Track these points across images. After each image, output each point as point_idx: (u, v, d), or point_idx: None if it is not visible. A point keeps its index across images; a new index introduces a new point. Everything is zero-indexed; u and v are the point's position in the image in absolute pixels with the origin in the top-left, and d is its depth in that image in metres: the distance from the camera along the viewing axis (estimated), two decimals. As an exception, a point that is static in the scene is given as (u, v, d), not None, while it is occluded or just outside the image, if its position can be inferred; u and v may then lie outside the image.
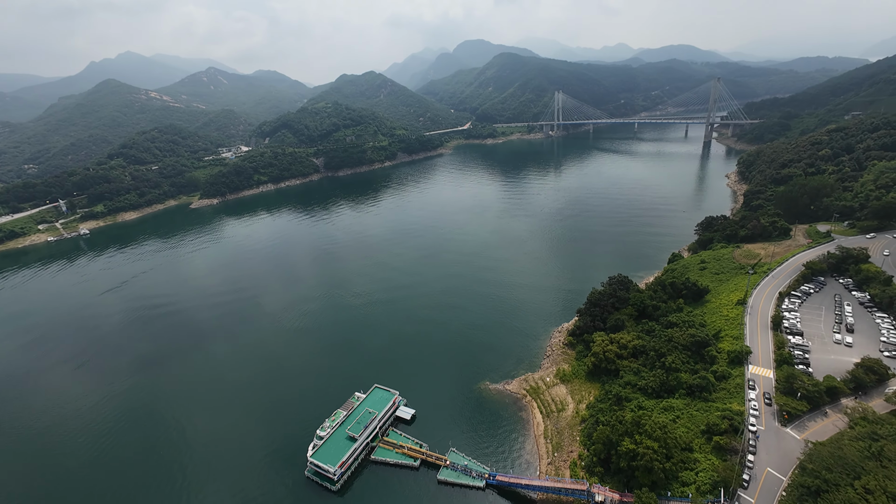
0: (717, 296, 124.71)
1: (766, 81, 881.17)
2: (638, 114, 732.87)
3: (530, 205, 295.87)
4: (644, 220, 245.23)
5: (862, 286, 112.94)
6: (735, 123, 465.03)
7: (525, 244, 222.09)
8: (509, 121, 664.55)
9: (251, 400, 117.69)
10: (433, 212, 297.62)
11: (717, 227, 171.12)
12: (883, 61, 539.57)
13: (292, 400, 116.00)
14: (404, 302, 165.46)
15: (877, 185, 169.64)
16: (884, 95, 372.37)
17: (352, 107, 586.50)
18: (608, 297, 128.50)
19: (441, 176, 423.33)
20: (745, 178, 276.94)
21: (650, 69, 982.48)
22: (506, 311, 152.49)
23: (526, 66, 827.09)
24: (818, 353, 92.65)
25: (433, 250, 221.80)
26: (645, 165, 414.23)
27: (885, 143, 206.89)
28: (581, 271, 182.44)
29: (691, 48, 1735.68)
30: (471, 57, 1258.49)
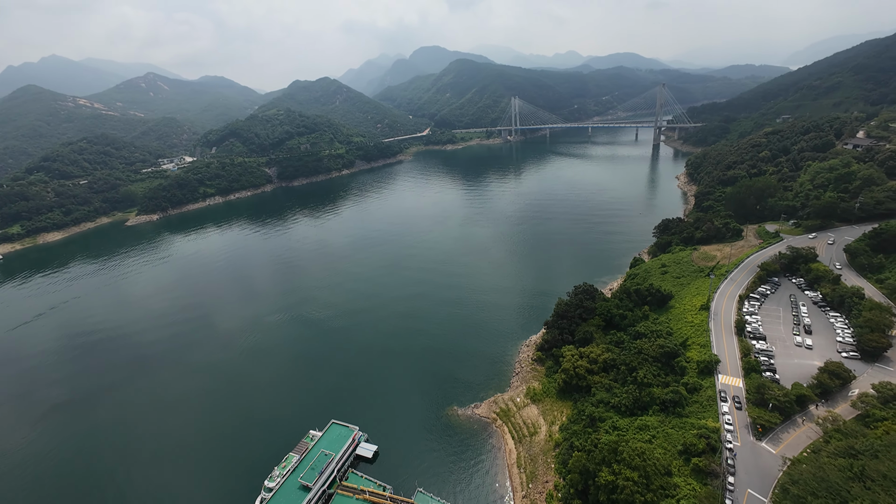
0: (680, 301, 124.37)
1: (703, 87, 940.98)
2: (591, 118, 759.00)
3: (493, 211, 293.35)
4: (604, 223, 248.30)
5: (813, 285, 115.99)
6: (680, 127, 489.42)
7: (489, 252, 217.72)
8: (468, 126, 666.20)
9: (195, 445, 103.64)
10: (395, 220, 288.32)
11: (674, 230, 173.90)
12: (803, 69, 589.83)
13: (240, 444, 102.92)
14: (365, 321, 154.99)
15: (814, 185, 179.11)
16: (807, 100, 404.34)
17: (306, 114, 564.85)
18: (575, 307, 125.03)
19: (402, 183, 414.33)
20: (694, 179, 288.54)
21: (599, 76, 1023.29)
22: (472, 326, 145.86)
23: (482, 73, 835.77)
24: (782, 358, 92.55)
25: (395, 261, 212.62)
26: (600, 168, 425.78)
27: (816, 145, 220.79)
28: (546, 279, 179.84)
29: (636, 56, 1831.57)
30: (427, 63, 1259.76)
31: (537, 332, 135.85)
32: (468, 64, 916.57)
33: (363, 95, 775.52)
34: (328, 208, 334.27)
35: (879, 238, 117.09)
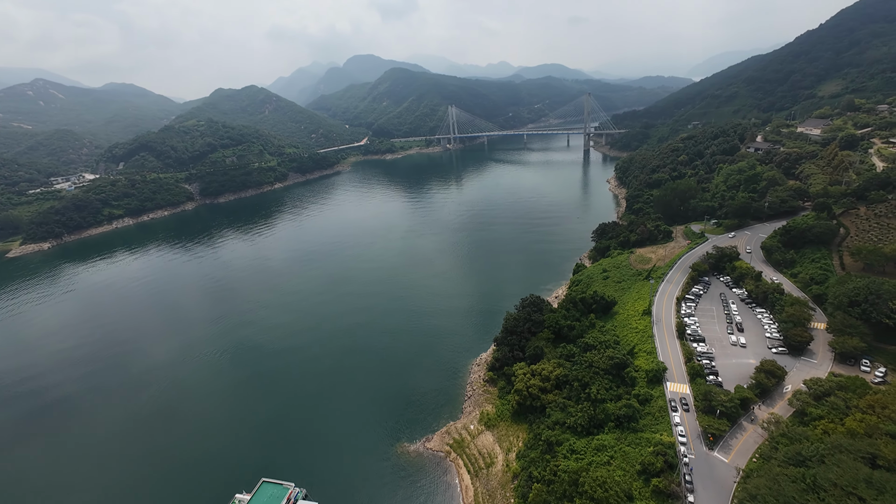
0: (623, 306, 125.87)
1: (622, 96, 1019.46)
2: (525, 125, 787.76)
3: (436, 220, 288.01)
4: (545, 228, 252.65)
5: (739, 282, 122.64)
6: (607, 133, 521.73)
7: (433, 265, 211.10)
8: (407, 135, 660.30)
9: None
10: (336, 234, 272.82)
11: (611, 234, 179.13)
12: (705, 81, 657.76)
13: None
14: (301, 354, 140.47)
15: (727, 186, 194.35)
16: (712, 108, 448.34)
17: (231, 124, 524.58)
18: (523, 321, 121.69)
19: (341, 195, 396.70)
20: (623, 182, 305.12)
21: (530, 85, 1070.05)
22: (419, 349, 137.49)
23: (418, 81, 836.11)
24: (721, 359, 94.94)
25: (336, 281, 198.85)
26: (538, 174, 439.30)
27: (725, 149, 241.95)
28: (493, 290, 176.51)
29: (562, 67, 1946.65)
30: (362, 71, 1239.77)
31: (487, 349, 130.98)
32: (404, 73, 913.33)
33: (295, 104, 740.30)
34: (261, 225, 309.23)
35: (789, 235, 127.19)
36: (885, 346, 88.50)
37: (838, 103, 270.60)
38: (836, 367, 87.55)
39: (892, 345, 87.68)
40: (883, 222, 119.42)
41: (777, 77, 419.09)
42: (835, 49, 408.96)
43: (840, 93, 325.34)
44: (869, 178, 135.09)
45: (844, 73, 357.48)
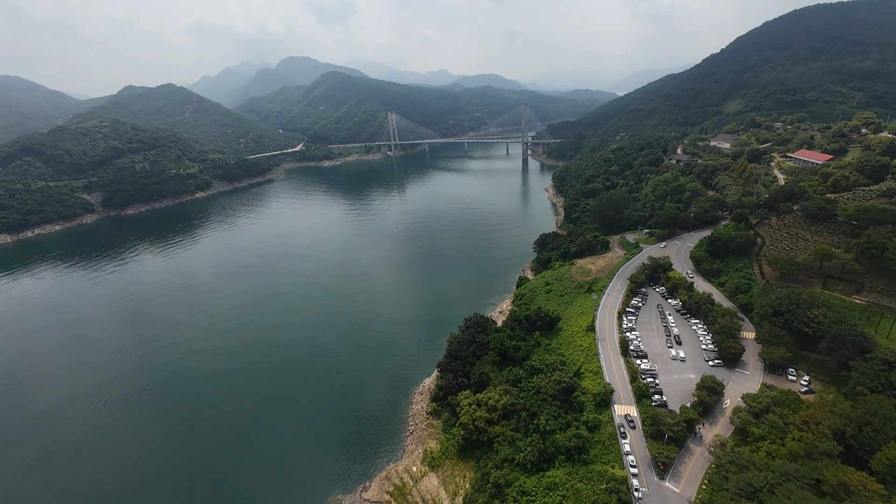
0: (567, 322, 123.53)
1: (556, 107, 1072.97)
2: (466, 133, 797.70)
3: (377, 231, 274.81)
4: (487, 238, 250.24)
5: (673, 293, 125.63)
6: (543, 142, 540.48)
7: (372, 279, 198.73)
8: (345, 141, 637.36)
9: None
10: (268, 247, 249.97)
11: (551, 246, 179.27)
12: (629, 95, 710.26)
13: None
14: (221, 393, 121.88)
15: (656, 196, 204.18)
16: (636, 121, 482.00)
17: (142, 126, 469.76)
18: (467, 344, 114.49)
19: (274, 204, 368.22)
20: (561, 191, 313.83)
21: (470, 94, 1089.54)
22: (356, 376, 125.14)
23: (357, 86, 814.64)
24: (664, 376, 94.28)
25: (264, 301, 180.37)
26: (479, 182, 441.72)
27: (651, 160, 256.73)
28: (436, 306, 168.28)
29: (500, 77, 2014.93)
30: (297, 74, 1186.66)
31: (431, 375, 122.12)
32: (342, 77, 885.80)
33: (221, 106, 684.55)
34: (182, 239, 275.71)
35: (714, 245, 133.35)
36: (806, 353, 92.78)
37: (742, 120, 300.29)
38: (766, 378, 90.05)
39: (812, 352, 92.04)
40: (792, 232, 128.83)
41: (689, 94, 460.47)
42: (735, 71, 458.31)
43: (742, 110, 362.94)
44: (777, 191, 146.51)
45: (744, 93, 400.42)
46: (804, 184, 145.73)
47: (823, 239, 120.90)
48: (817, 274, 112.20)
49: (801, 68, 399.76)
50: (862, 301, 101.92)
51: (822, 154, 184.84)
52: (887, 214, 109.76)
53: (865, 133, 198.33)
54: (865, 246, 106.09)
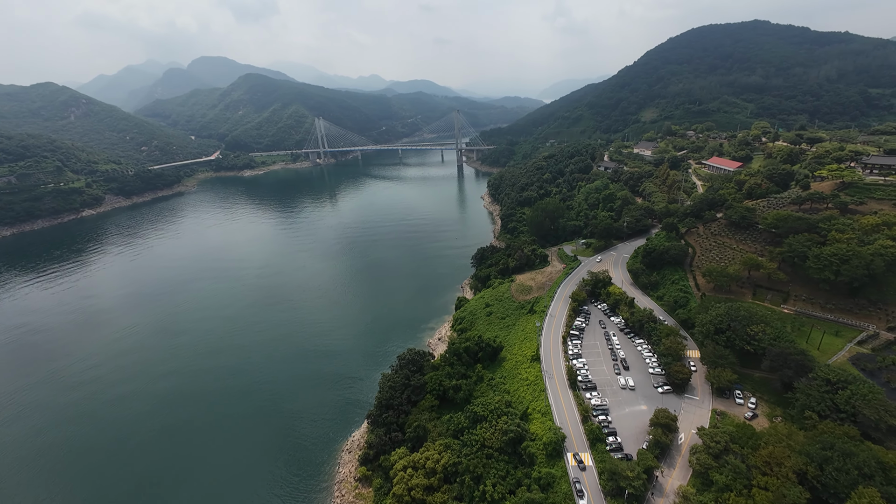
0: (511, 350, 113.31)
1: (488, 114, 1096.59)
2: (400, 140, 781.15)
3: (304, 247, 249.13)
4: (424, 252, 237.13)
5: (615, 310, 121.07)
6: (477, 149, 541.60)
7: (298, 304, 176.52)
8: (269, 148, 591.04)
9: None
10: (171, 275, 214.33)
11: (490, 261, 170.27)
12: (555, 103, 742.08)
13: None
14: (95, 464, 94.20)
15: (588, 205, 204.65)
16: (563, 128, 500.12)
17: (9, 133, 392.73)
18: (401, 388, 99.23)
19: (184, 221, 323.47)
20: (497, 199, 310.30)
21: (403, 99, 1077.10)
22: (270, 437, 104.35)
23: (281, 90, 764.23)
24: (616, 410, 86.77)
25: (171, 329, 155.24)
26: (415, 190, 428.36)
27: (581, 167, 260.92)
28: (367, 333, 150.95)
29: (432, 83, 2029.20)
30: (212, 76, 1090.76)
31: (361, 426, 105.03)
32: (264, 79, 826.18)
33: (118, 109, 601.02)
34: (54, 270, 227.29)
35: (650, 257, 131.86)
36: (749, 371, 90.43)
37: (659, 128, 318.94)
38: (715, 403, 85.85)
39: (755, 369, 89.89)
40: (719, 240, 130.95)
41: (610, 103, 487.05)
42: (647, 82, 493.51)
43: (657, 119, 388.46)
44: (700, 199, 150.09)
45: (657, 103, 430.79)
46: (723, 192, 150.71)
47: (747, 247, 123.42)
48: (747, 284, 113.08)
49: (703, 81, 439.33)
50: (790, 311, 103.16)
51: (732, 161, 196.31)
52: (802, 223, 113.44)
53: (765, 142, 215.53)
54: (787, 255, 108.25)
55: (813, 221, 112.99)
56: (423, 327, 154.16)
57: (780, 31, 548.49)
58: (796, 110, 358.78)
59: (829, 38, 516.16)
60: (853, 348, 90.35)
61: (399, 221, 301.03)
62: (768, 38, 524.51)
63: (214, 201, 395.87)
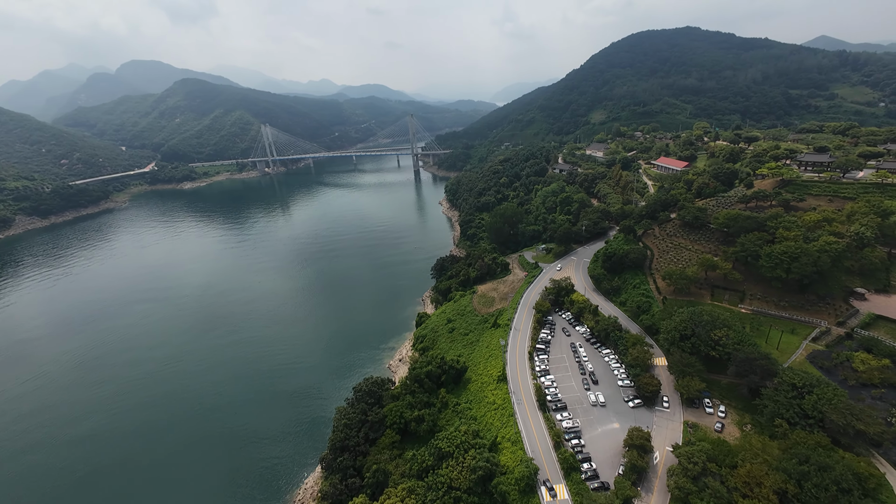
0: (476, 370, 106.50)
1: (442, 117, 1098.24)
2: (354, 145, 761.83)
3: (257, 265, 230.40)
4: (382, 263, 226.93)
5: (579, 318, 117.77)
6: (433, 154, 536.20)
7: (242, 327, 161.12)
8: (211, 158, 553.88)
9: None
10: (94, 305, 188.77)
11: (450, 272, 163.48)
12: (508, 106, 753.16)
13: None
14: None
15: (546, 208, 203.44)
16: (517, 130, 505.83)
17: None
18: (358, 426, 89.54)
19: (114, 242, 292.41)
20: (455, 204, 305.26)
21: (355, 104, 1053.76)
22: (214, 477, 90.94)
23: (223, 96, 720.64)
24: (588, 431, 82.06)
25: (91, 364, 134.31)
26: (372, 197, 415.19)
27: (537, 170, 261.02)
28: (322, 360, 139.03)
29: (385, 88, 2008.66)
30: (145, 81, 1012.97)
31: (315, 470, 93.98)
32: (203, 85, 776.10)
33: (31, 118, 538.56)
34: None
35: (610, 261, 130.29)
36: (715, 376, 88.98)
37: (609, 129, 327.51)
38: (686, 414, 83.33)
39: (721, 375, 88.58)
40: (675, 241, 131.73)
41: (560, 106, 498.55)
42: (594, 85, 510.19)
43: (606, 120, 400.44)
44: (654, 200, 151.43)
45: (604, 105, 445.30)
46: (675, 192, 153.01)
47: (702, 247, 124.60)
48: (705, 285, 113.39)
49: (645, 83, 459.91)
50: (747, 310, 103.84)
51: (679, 161, 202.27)
52: (752, 222, 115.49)
53: (707, 141, 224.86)
54: (741, 254, 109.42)
55: (761, 220, 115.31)
56: (383, 347, 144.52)
57: (710, 37, 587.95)
58: (729, 110, 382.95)
59: (752, 43, 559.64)
60: (809, 345, 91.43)
61: (356, 231, 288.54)
62: (700, 44, 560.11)
63: (151, 217, 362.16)
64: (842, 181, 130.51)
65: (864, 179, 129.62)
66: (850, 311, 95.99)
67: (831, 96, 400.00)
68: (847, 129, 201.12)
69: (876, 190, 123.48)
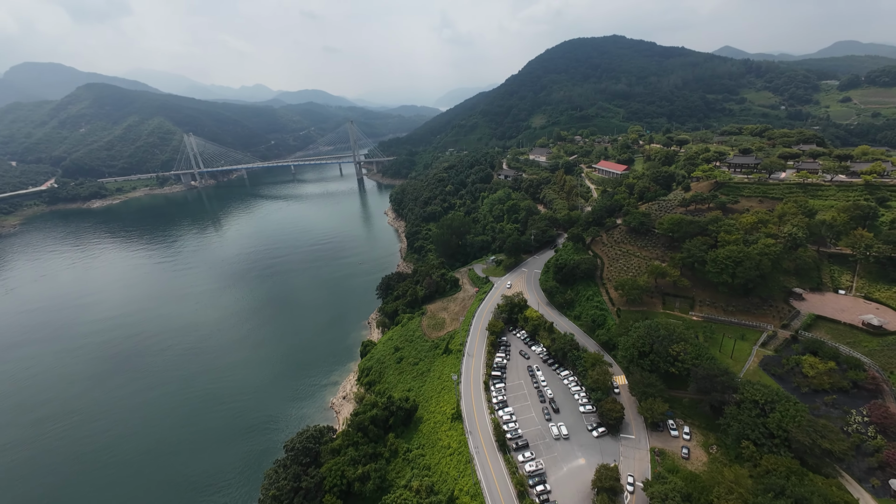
0: (427, 407, 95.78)
1: (385, 123, 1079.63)
2: (293, 154, 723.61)
3: (179, 294, 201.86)
4: (324, 281, 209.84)
5: (534, 337, 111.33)
6: (376, 161, 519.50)
7: (158, 365, 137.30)
8: (126, 172, 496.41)
9: None
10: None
11: (397, 291, 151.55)
12: (451, 111, 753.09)
13: None
14: None
15: (494, 217, 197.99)
16: (461, 136, 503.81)
17: None
18: (290, 495, 75.09)
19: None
20: (400, 214, 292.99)
21: (292, 110, 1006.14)
22: None
23: (138, 103, 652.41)
24: (553, 471, 74.51)
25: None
26: (311, 209, 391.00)
27: (482, 177, 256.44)
28: (254, 402, 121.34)
29: (324, 93, 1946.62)
30: (41, 85, 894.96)
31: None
32: (115, 90, 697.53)
33: None
34: None
35: (562, 273, 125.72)
36: (677, 393, 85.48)
37: (550, 134, 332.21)
38: (651, 440, 78.44)
39: (681, 391, 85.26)
40: (623, 248, 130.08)
41: (502, 111, 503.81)
42: (533, 90, 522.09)
43: (546, 124, 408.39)
44: (600, 206, 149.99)
45: (544, 109, 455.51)
46: (618, 197, 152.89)
47: (650, 253, 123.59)
48: (656, 293, 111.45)
49: (580, 88, 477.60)
50: (698, 318, 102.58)
51: (618, 164, 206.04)
52: (694, 226, 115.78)
53: (643, 145, 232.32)
54: (688, 260, 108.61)
55: (703, 224, 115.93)
56: (325, 383, 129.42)
57: (634, 45, 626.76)
58: (657, 114, 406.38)
59: (671, 52, 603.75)
60: (760, 351, 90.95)
61: (296, 246, 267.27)
62: (626, 51, 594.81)
63: (49, 243, 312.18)
64: (769, 182, 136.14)
65: (787, 180, 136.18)
66: (792, 312, 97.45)
67: (742, 100, 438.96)
68: (763, 132, 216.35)
69: (799, 190, 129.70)
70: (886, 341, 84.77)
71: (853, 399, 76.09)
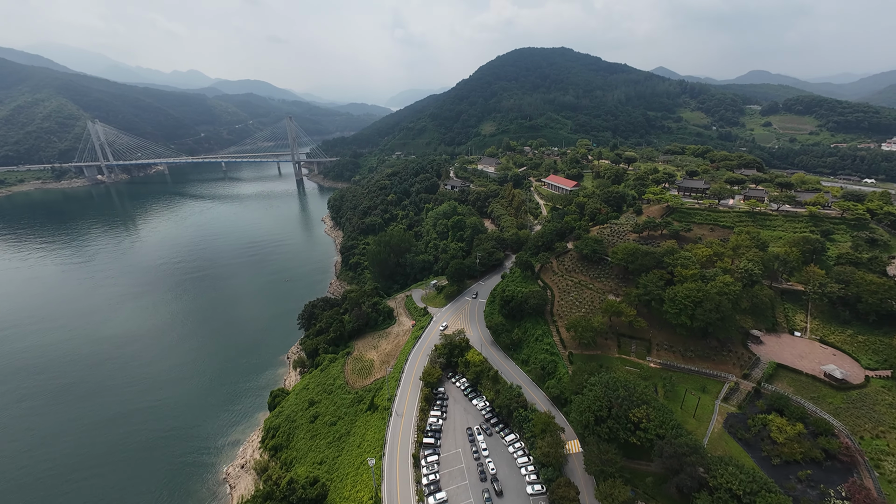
0: (342, 493, 75.59)
1: (332, 120, 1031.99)
2: (226, 149, 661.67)
3: (72, 330, 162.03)
4: (242, 301, 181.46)
5: (476, 387, 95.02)
6: (318, 161, 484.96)
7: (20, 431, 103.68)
8: (12, 162, 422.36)
9: None
10: None
11: (321, 324, 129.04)
12: (401, 112, 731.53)
13: None
14: None
15: (438, 233, 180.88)
16: (409, 139, 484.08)
17: None
18: None
19: None
20: (338, 223, 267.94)
21: (228, 100, 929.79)
22: None
23: (33, 79, 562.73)
24: None
25: None
26: (241, 211, 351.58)
27: (427, 186, 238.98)
28: (123, 477, 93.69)
29: (268, 85, 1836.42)
30: None
31: None
32: (1, 62, 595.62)
33: None
34: None
35: (508, 307, 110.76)
36: (637, 465, 72.86)
37: (499, 143, 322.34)
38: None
39: (643, 462, 72.70)
40: (575, 278, 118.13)
41: (451, 115, 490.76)
42: (483, 96, 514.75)
43: (495, 132, 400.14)
44: (550, 230, 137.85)
45: (493, 116, 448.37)
46: (568, 218, 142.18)
47: (603, 285, 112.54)
48: (611, 334, 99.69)
49: (530, 98, 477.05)
50: (656, 364, 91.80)
51: (568, 180, 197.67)
52: (650, 259, 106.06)
53: (592, 160, 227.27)
54: (644, 297, 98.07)
55: (658, 256, 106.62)
56: (222, 444, 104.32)
57: (581, 59, 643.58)
58: (603, 127, 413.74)
59: (615, 67, 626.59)
60: (723, 407, 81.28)
61: (214, 256, 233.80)
62: (574, 64, 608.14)
63: None
64: (719, 209, 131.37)
65: (736, 207, 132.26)
66: (752, 359, 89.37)
67: (678, 119, 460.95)
68: (705, 153, 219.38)
69: (749, 218, 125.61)
70: (850, 397, 78.06)
71: (827, 473, 67.25)
